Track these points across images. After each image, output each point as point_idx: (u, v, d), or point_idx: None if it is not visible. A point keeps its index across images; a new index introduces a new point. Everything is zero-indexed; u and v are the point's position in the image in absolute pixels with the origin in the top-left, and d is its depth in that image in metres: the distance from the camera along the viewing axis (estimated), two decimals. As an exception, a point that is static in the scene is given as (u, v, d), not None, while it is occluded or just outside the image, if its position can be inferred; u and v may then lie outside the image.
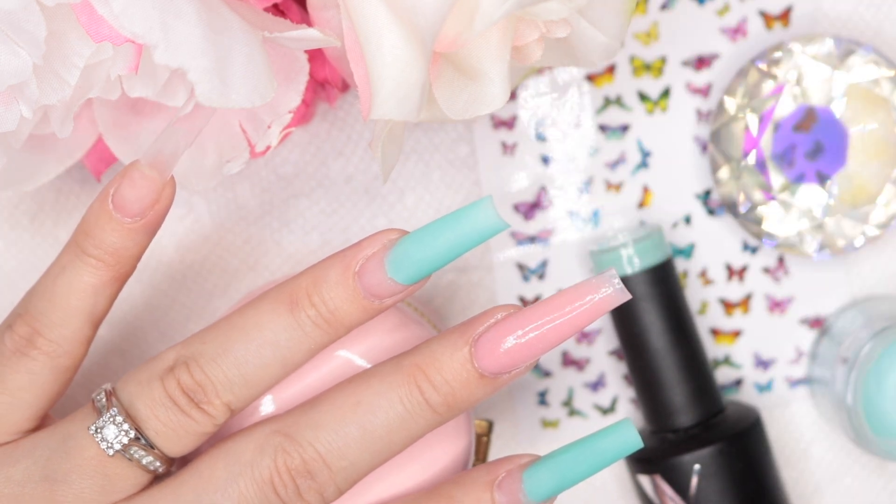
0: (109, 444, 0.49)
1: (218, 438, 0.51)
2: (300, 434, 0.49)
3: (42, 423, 0.52)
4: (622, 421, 0.50)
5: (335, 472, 0.49)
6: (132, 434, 0.49)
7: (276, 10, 0.54)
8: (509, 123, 0.64)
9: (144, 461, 0.49)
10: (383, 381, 0.49)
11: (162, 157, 0.49)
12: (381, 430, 0.49)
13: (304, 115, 0.60)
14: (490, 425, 0.58)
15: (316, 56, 0.56)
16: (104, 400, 0.50)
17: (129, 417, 0.49)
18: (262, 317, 0.49)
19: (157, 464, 0.50)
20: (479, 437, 0.58)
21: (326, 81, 0.57)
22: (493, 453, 0.63)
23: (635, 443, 0.49)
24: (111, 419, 0.49)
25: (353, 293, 0.49)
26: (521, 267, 0.64)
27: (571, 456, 0.50)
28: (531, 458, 0.51)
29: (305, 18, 0.54)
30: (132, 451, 0.49)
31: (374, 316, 0.49)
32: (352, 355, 0.54)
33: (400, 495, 0.53)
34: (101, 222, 0.50)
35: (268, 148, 0.54)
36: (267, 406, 0.53)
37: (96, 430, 0.49)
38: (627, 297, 0.48)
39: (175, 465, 0.51)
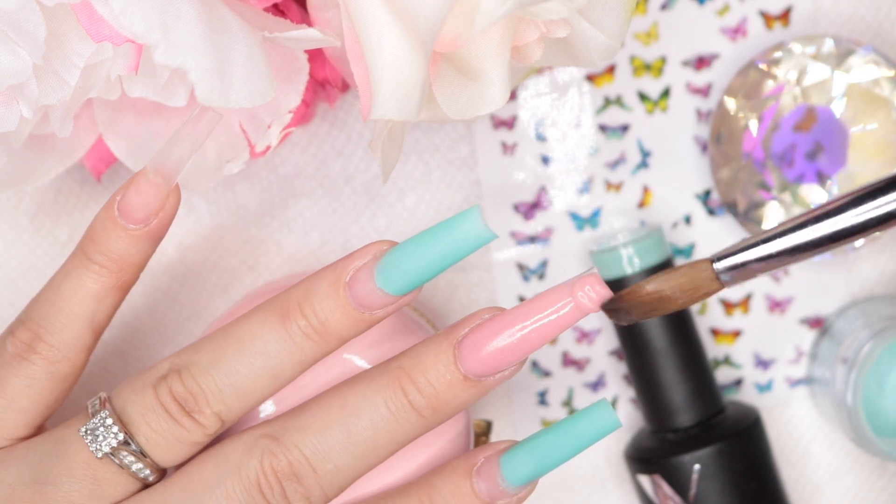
0: (98, 447, 0.49)
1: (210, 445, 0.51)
2: (287, 437, 0.49)
3: (38, 432, 0.52)
4: (599, 402, 0.49)
5: (321, 476, 0.49)
6: (121, 437, 0.49)
7: (276, 10, 0.54)
8: (509, 123, 0.64)
9: (134, 468, 0.49)
10: (369, 384, 0.49)
11: (168, 164, 0.49)
12: (365, 433, 0.49)
13: (304, 115, 0.60)
14: (489, 425, 0.58)
15: (316, 56, 0.56)
16: (98, 405, 0.50)
17: (120, 422, 0.49)
18: (253, 328, 0.49)
19: (148, 472, 0.50)
20: (477, 437, 0.58)
21: (326, 81, 0.57)
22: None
23: (613, 423, 0.49)
24: (101, 422, 0.49)
25: (343, 304, 0.49)
26: (521, 267, 0.64)
27: (549, 439, 0.50)
28: (509, 444, 0.51)
29: (305, 18, 0.54)
30: (122, 456, 0.49)
31: (366, 328, 0.49)
32: (350, 356, 0.54)
33: (388, 487, 0.53)
34: (106, 229, 0.50)
35: (268, 148, 0.54)
36: (267, 408, 0.53)
37: (86, 433, 0.49)
38: (610, 295, 0.48)
39: (166, 475, 0.51)
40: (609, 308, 0.49)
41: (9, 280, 0.63)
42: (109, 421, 0.49)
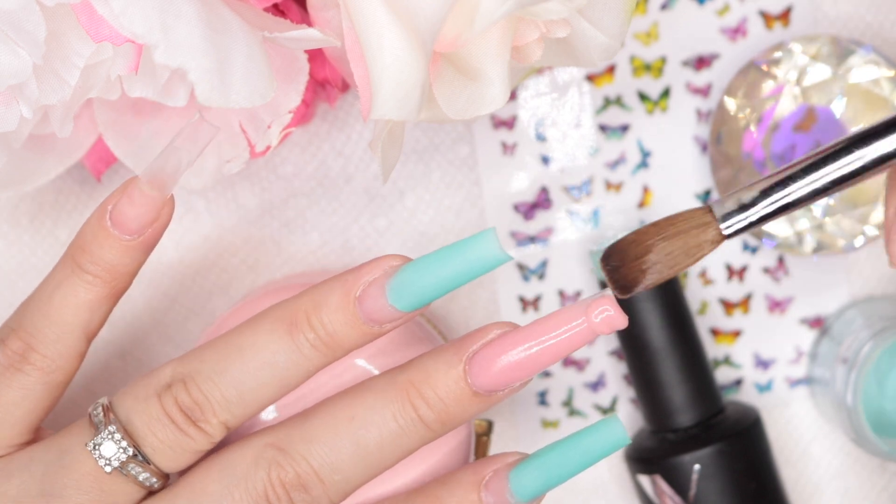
0: (107, 461, 0.49)
1: (214, 449, 0.51)
2: (294, 448, 0.49)
3: (35, 436, 0.52)
4: (609, 417, 0.50)
5: (328, 486, 0.49)
6: (130, 451, 0.49)
7: (276, 10, 0.54)
8: (509, 123, 0.64)
9: (141, 477, 0.49)
10: (378, 396, 0.49)
11: (163, 176, 0.49)
12: (373, 446, 0.49)
13: (304, 115, 0.60)
14: (490, 425, 0.58)
15: (316, 56, 0.56)
16: (101, 415, 0.49)
17: (127, 434, 0.49)
18: (260, 337, 0.49)
19: (154, 480, 0.49)
20: (478, 437, 0.58)
21: (326, 81, 0.57)
22: (493, 454, 0.63)
23: (622, 439, 0.49)
24: (109, 436, 0.49)
25: (352, 318, 0.49)
26: (521, 267, 0.64)
27: (559, 454, 0.50)
28: (518, 458, 0.51)
29: (305, 18, 0.54)
30: (129, 468, 0.49)
31: (372, 340, 0.49)
32: (357, 361, 0.54)
33: (388, 494, 0.53)
34: (98, 239, 0.50)
35: (268, 148, 0.54)
36: (268, 412, 0.53)
37: (94, 447, 0.49)
38: (624, 321, 0.48)
39: (170, 479, 0.51)
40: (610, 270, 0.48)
41: (9, 280, 0.63)
42: (118, 436, 0.49)
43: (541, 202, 0.64)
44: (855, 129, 0.62)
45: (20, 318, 0.51)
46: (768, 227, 0.62)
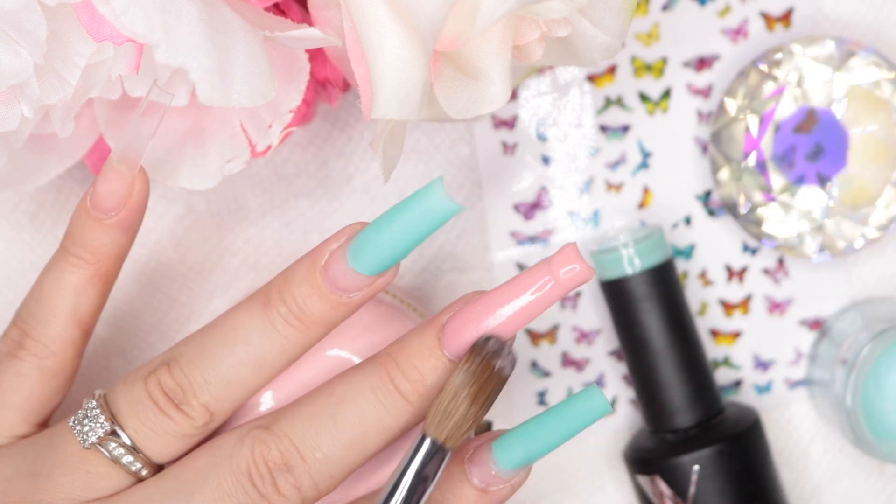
0: (85, 437, 0.50)
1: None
2: (277, 425, 0.49)
3: (39, 430, 0.53)
4: (590, 387, 0.49)
5: (310, 465, 0.49)
6: (107, 427, 0.50)
7: (277, 9, 0.54)
8: (510, 123, 0.64)
9: (125, 460, 0.50)
10: (356, 372, 0.50)
11: (129, 151, 0.50)
12: (351, 420, 0.49)
13: (304, 114, 0.60)
14: (489, 426, 0.58)
15: (317, 55, 0.56)
16: (90, 399, 0.51)
17: (109, 413, 0.50)
18: (237, 317, 0.50)
19: (139, 465, 0.50)
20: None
21: (327, 81, 0.57)
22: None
23: (603, 408, 0.49)
24: (87, 412, 0.50)
25: (319, 288, 0.49)
26: (521, 267, 0.64)
27: (540, 424, 0.50)
28: (501, 432, 0.51)
29: (306, 18, 0.54)
30: (111, 448, 0.50)
31: (345, 314, 0.50)
32: (351, 355, 0.54)
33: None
34: (80, 220, 0.51)
35: (269, 147, 0.54)
36: (267, 403, 0.53)
37: (74, 423, 0.50)
38: (592, 274, 0.47)
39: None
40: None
41: (9, 279, 0.63)
42: (97, 411, 0.50)
43: (541, 202, 0.64)
44: (854, 130, 0.62)
45: (20, 308, 0.53)
46: (768, 228, 0.62)
